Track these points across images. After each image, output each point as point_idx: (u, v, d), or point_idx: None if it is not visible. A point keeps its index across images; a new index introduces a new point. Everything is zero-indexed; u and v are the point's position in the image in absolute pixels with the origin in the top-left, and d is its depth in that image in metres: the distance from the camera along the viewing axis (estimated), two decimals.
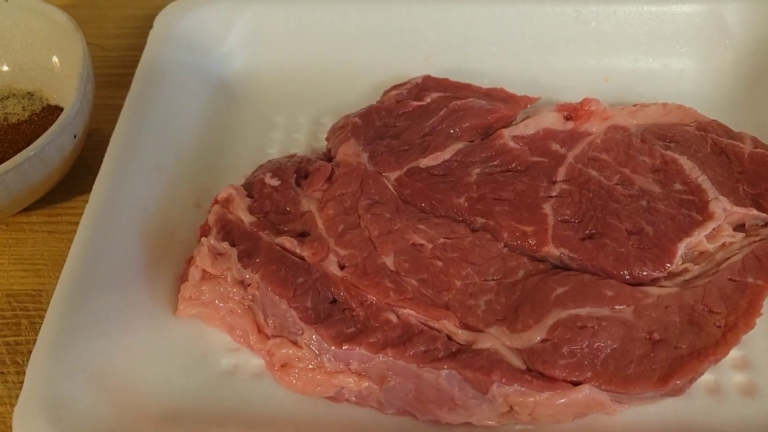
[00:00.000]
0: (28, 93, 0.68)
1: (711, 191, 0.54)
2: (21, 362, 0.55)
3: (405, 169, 0.58)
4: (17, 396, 0.47)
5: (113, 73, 0.75)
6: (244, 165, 0.64)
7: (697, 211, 0.54)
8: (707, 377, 0.49)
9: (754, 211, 0.54)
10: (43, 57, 0.68)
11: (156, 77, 0.66)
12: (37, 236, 0.63)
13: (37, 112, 0.66)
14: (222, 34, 0.71)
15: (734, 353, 0.49)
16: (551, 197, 0.55)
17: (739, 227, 0.54)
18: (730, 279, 0.50)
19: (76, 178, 0.65)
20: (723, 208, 0.53)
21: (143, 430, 0.48)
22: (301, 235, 0.54)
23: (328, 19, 0.72)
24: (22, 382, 0.47)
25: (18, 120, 0.66)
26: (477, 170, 0.58)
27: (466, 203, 0.56)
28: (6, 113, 0.66)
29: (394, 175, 0.58)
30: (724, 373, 0.50)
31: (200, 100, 0.68)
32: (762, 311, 0.49)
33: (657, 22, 0.69)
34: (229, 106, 0.70)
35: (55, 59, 0.67)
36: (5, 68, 0.69)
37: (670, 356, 0.47)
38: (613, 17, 0.69)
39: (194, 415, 0.50)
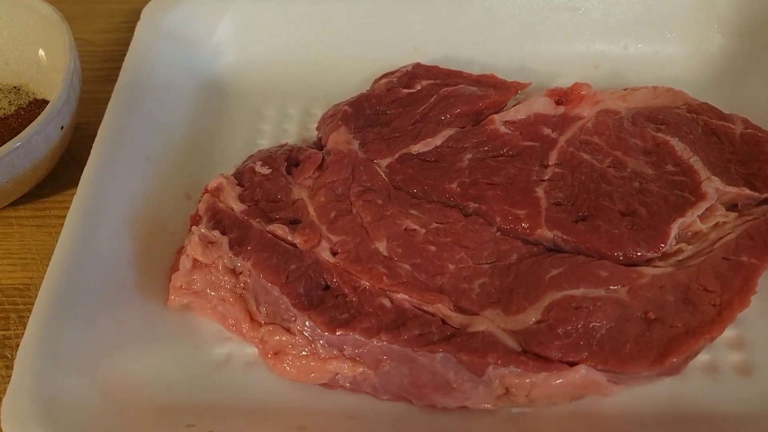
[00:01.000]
0: (15, 87, 0.68)
1: (703, 172, 0.54)
2: (10, 356, 0.54)
3: (396, 156, 0.58)
4: (5, 390, 0.46)
5: (101, 68, 0.74)
6: (234, 156, 0.63)
7: (689, 191, 0.54)
8: (703, 357, 0.49)
9: (747, 191, 0.53)
10: (29, 51, 0.67)
11: (144, 69, 0.65)
12: (25, 230, 0.62)
13: (24, 106, 0.66)
14: (210, 27, 0.70)
15: (729, 332, 0.49)
16: (543, 181, 0.55)
17: (732, 207, 0.54)
18: (724, 258, 0.50)
19: (65, 171, 0.65)
20: (715, 188, 0.53)
21: (135, 423, 0.48)
22: (293, 223, 0.54)
23: (317, 11, 0.71)
24: (11, 376, 0.47)
25: (4, 114, 0.65)
26: (469, 156, 0.57)
27: (458, 188, 0.55)
28: None
29: (385, 162, 0.58)
30: (720, 352, 0.50)
31: (189, 92, 0.68)
32: (756, 289, 0.48)
33: (646, 8, 0.69)
34: (219, 98, 0.69)
35: (41, 53, 0.66)
36: None
37: (666, 335, 0.47)
38: (602, 3, 0.69)
39: (187, 406, 0.49)
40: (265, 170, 0.57)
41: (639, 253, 0.51)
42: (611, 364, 0.46)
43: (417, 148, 0.58)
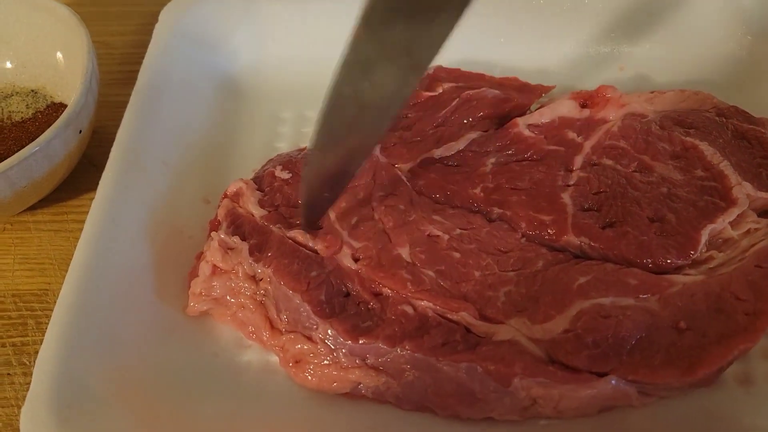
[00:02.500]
0: (32, 91, 0.67)
1: (734, 177, 0.53)
2: (28, 363, 0.54)
3: (418, 160, 0.57)
4: (24, 398, 0.45)
5: (118, 71, 0.74)
6: (253, 160, 0.63)
7: (720, 197, 0.52)
8: (735, 367, 0.47)
9: None
10: (47, 53, 0.66)
11: (162, 72, 0.64)
12: (42, 235, 0.62)
13: (41, 109, 0.65)
14: (229, 29, 0.70)
15: (764, 342, 0.47)
16: (569, 186, 0.54)
17: (764, 213, 0.53)
18: (757, 266, 0.48)
19: (82, 175, 0.64)
20: (746, 194, 0.52)
21: (153, 430, 0.47)
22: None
23: (335, 12, 0.70)
24: (29, 384, 0.46)
25: (22, 118, 0.65)
26: (492, 160, 0.56)
27: (481, 193, 0.54)
28: (10, 111, 0.65)
29: (407, 167, 0.57)
30: (754, 363, 0.48)
31: (207, 95, 0.67)
32: None
33: (672, 9, 0.67)
34: (237, 101, 0.68)
35: (59, 55, 0.66)
36: (8, 65, 0.68)
37: (698, 345, 0.45)
38: (626, 4, 0.67)
39: (207, 415, 0.48)
40: (285, 175, 0.56)
41: (669, 261, 0.50)
42: (642, 375, 0.44)
43: (439, 153, 0.57)
